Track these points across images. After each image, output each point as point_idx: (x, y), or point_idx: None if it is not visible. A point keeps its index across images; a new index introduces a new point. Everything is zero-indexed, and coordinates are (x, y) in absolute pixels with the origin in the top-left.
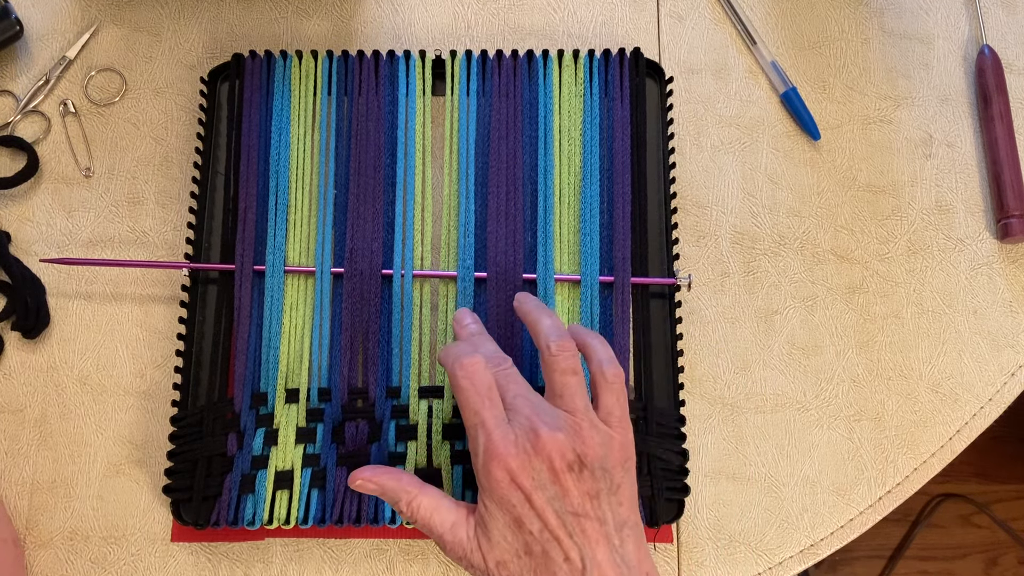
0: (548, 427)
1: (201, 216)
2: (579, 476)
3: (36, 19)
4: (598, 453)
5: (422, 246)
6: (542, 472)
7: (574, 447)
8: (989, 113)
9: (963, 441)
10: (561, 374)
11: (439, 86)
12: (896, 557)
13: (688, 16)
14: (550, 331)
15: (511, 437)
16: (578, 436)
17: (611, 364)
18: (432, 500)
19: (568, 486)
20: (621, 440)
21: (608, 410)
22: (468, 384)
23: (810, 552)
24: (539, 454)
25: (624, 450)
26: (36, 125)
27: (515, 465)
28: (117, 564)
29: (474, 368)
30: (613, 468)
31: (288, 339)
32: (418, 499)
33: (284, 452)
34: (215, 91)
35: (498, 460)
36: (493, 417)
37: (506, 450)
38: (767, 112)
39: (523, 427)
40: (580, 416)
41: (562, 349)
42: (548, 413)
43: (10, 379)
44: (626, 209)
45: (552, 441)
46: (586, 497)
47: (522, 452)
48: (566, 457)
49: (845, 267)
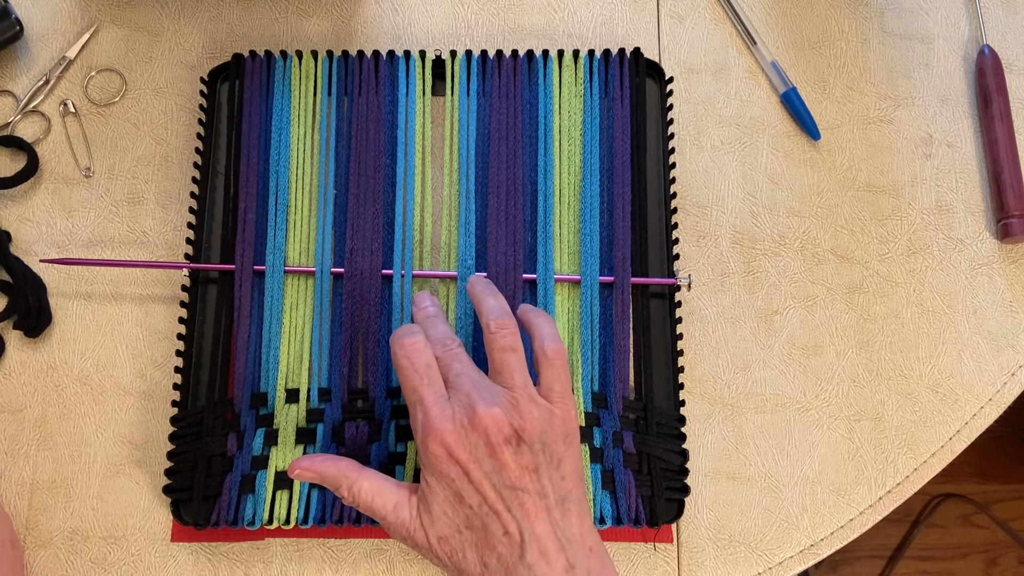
0: (485, 402)
1: (201, 216)
2: (517, 450)
3: (36, 19)
4: (536, 427)
5: (422, 246)
6: (479, 446)
7: (511, 421)
8: (989, 113)
9: (963, 441)
10: (500, 351)
11: (439, 86)
12: (896, 557)
13: (688, 16)
14: (492, 310)
15: (448, 412)
16: (515, 410)
17: (552, 340)
18: (372, 483)
19: (506, 460)
20: (562, 415)
21: (548, 385)
22: (407, 363)
23: (810, 552)
24: (476, 428)
25: (565, 424)
26: (36, 125)
27: (452, 440)
28: (117, 564)
29: (413, 347)
30: (554, 442)
31: (288, 339)
32: (358, 483)
33: (284, 452)
34: (215, 91)
35: (435, 435)
36: (431, 394)
37: (443, 425)
38: (767, 112)
39: (461, 403)
40: (518, 391)
41: (501, 327)
42: (487, 389)
43: (10, 379)
44: (626, 209)
45: (488, 415)
46: (525, 471)
47: (459, 427)
48: (503, 431)
49: (845, 267)
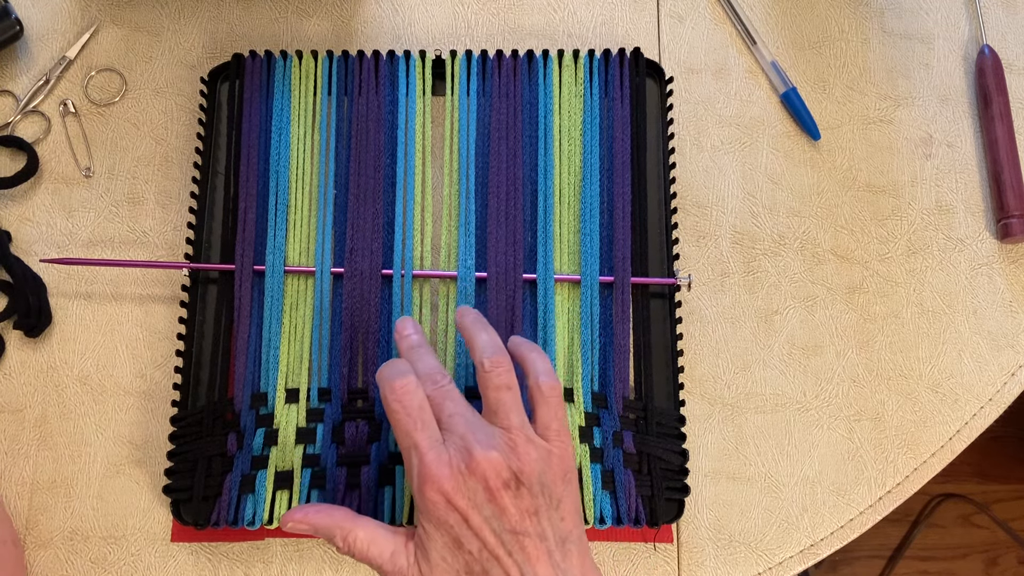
0: (482, 446)
1: (201, 216)
2: (516, 493)
3: (36, 19)
4: (535, 469)
5: (422, 246)
6: (478, 492)
7: (509, 464)
8: (989, 113)
9: (963, 441)
10: (495, 390)
11: (439, 86)
12: (896, 557)
13: (688, 16)
14: (485, 346)
15: (445, 458)
16: (514, 453)
17: (547, 376)
18: (367, 532)
19: (505, 504)
20: (560, 453)
21: (545, 424)
22: (399, 407)
23: (810, 552)
24: (473, 474)
25: (563, 463)
26: (36, 125)
27: (449, 487)
28: (117, 564)
29: (404, 390)
30: (553, 483)
31: (288, 339)
32: (353, 532)
33: (284, 452)
34: (215, 91)
35: (432, 482)
36: (426, 439)
37: (439, 472)
38: (767, 112)
39: (457, 447)
40: (515, 432)
41: (495, 365)
42: (483, 431)
43: (10, 379)
44: (626, 209)
45: (486, 460)
46: (525, 514)
47: (456, 473)
48: (502, 475)
49: (845, 267)
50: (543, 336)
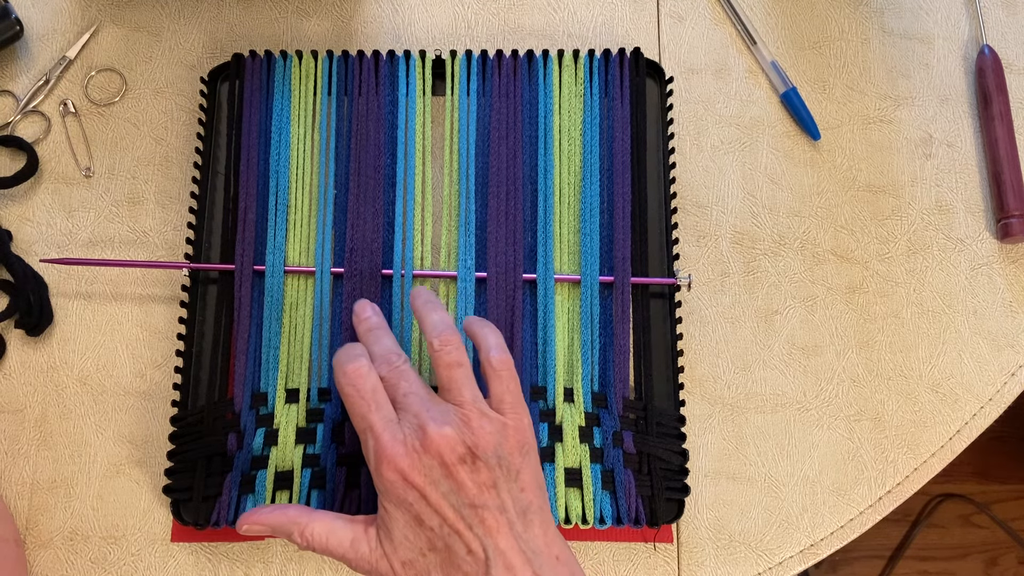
0: (436, 423)
1: (201, 216)
2: (473, 467)
3: (36, 19)
4: (491, 442)
5: (422, 246)
6: (434, 468)
7: (464, 439)
8: (989, 113)
9: (963, 441)
10: (446, 368)
11: (439, 86)
12: (896, 557)
13: (688, 16)
14: (435, 325)
15: (399, 437)
16: (467, 427)
17: (498, 351)
18: (323, 524)
19: (462, 479)
20: (515, 425)
21: (499, 397)
22: (352, 390)
23: (810, 552)
24: (428, 451)
25: (519, 435)
26: (36, 125)
27: (405, 464)
28: (117, 564)
29: (357, 373)
30: (510, 455)
31: (288, 339)
32: (309, 527)
33: (284, 452)
34: (215, 91)
35: (388, 461)
36: (380, 420)
37: (395, 450)
38: (767, 112)
39: (411, 425)
40: (468, 407)
41: (444, 343)
42: (437, 408)
43: (10, 379)
44: (626, 209)
45: (440, 436)
46: (483, 487)
47: (411, 451)
48: (456, 450)
49: (845, 267)
50: (543, 336)
